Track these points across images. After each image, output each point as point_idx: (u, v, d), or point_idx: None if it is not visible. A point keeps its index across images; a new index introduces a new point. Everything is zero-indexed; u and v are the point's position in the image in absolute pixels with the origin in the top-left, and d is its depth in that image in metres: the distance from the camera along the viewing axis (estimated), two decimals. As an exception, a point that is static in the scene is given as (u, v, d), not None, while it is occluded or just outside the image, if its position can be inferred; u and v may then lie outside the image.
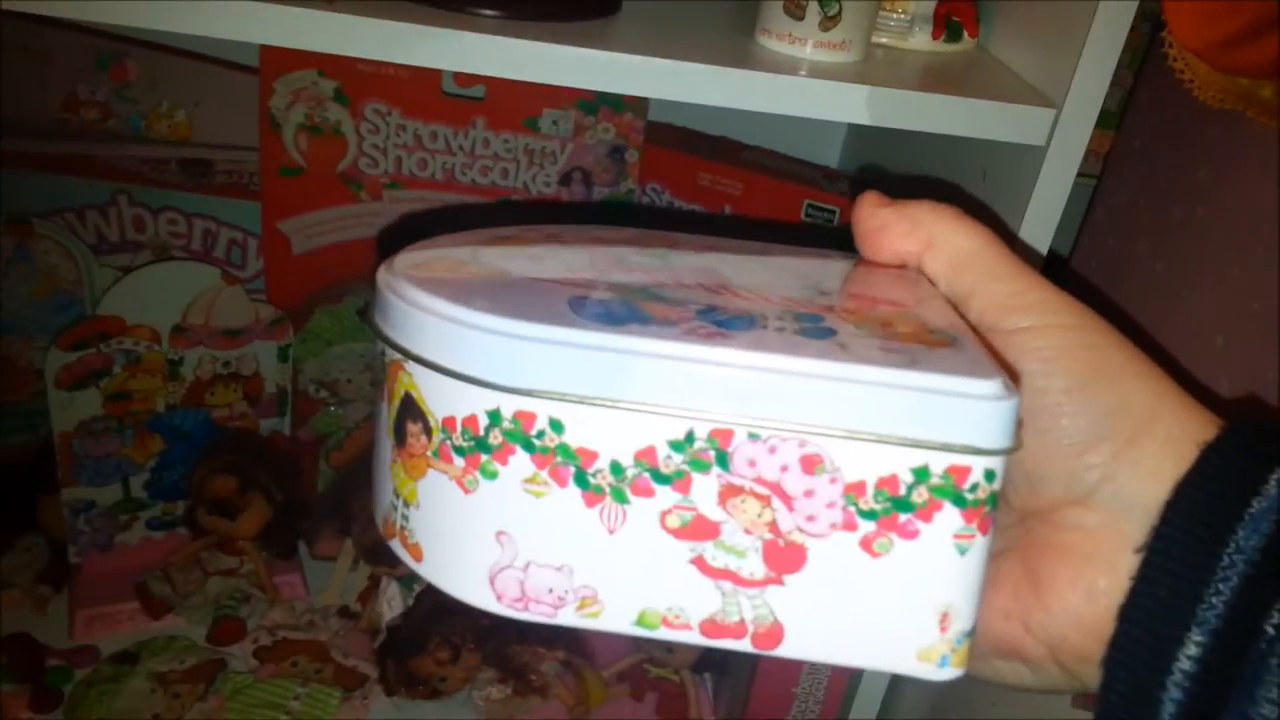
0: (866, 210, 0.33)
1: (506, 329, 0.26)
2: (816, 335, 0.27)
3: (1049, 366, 0.28)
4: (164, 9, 0.49)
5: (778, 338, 0.26)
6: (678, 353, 0.25)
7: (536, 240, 0.33)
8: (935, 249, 0.31)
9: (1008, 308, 0.29)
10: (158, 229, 0.82)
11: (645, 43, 0.55)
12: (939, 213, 0.32)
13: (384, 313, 0.29)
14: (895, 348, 0.27)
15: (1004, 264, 0.30)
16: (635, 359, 0.25)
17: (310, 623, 0.81)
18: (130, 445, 0.80)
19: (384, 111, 0.77)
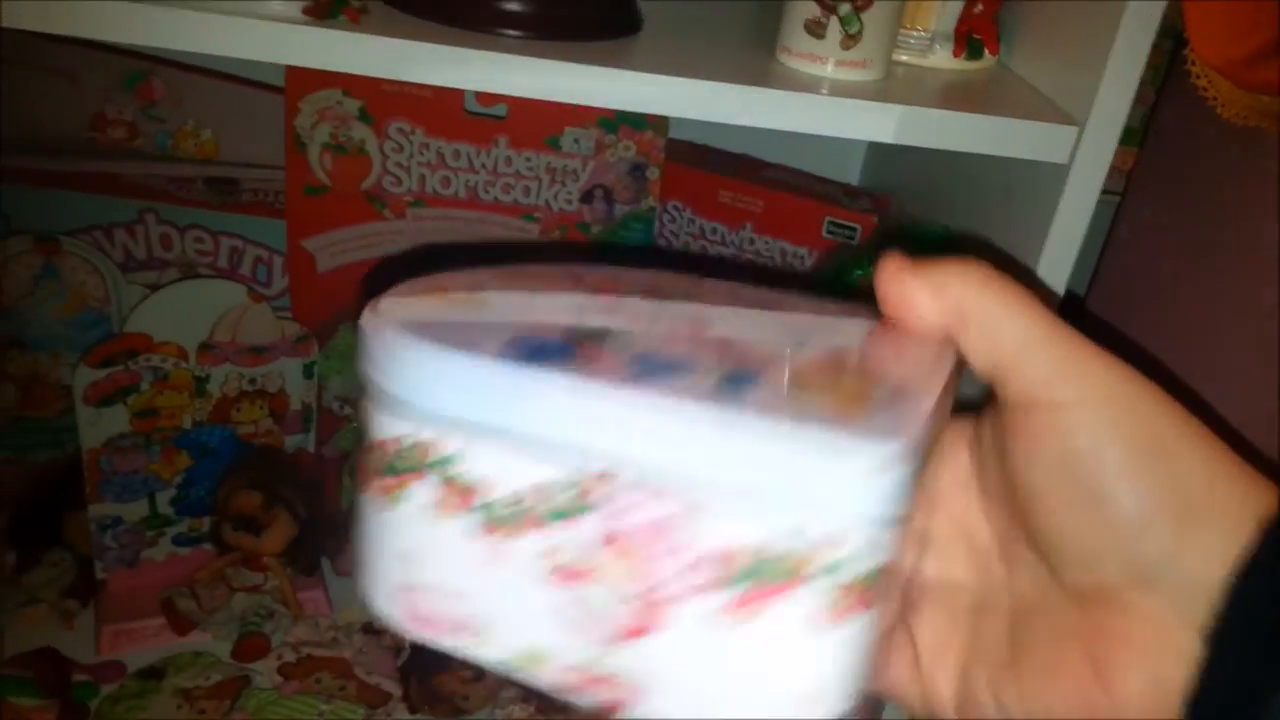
0: (888, 277, 0.30)
1: (421, 356, 0.26)
2: (732, 387, 0.25)
3: (1099, 443, 0.27)
4: (190, 30, 0.50)
5: (685, 385, 0.25)
6: (566, 388, 0.25)
7: (547, 281, 0.33)
8: (965, 321, 0.29)
9: (1049, 381, 0.27)
10: (184, 247, 0.83)
11: (667, 62, 0.55)
12: (967, 279, 0.29)
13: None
14: (804, 404, 0.25)
15: (1042, 331, 0.28)
16: (529, 390, 0.25)
17: (334, 639, 0.82)
18: (157, 461, 0.80)
19: (408, 130, 0.78)
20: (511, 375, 0.25)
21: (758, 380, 0.26)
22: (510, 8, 0.55)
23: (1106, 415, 0.27)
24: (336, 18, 0.51)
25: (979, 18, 0.62)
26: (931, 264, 0.30)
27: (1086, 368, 0.27)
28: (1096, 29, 0.54)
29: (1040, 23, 0.62)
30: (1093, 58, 0.54)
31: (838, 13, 0.55)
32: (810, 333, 0.30)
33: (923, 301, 0.30)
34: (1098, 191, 0.56)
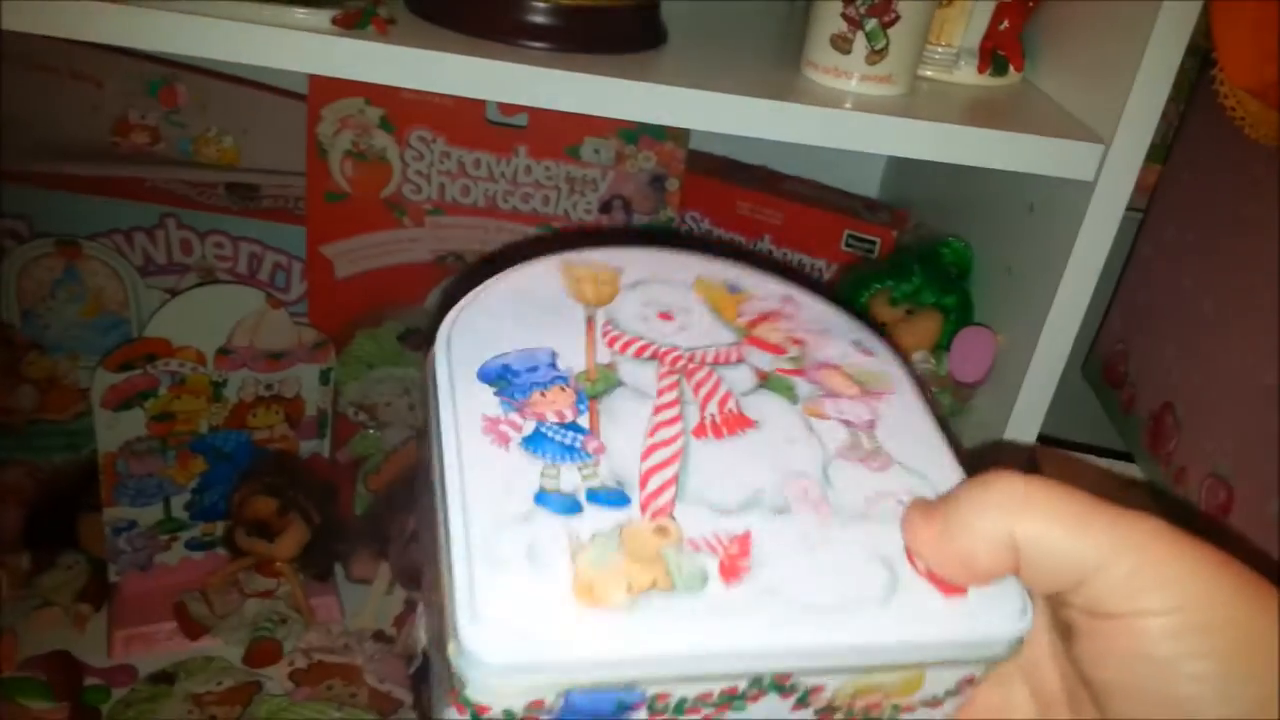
0: (925, 551, 0.28)
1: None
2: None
3: (1183, 655, 0.25)
4: (221, 39, 0.50)
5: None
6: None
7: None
8: (1016, 562, 0.27)
9: (1125, 594, 0.25)
10: (204, 252, 0.83)
11: (692, 75, 0.55)
12: (1004, 516, 0.27)
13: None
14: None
15: (1107, 545, 0.26)
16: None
17: (345, 646, 0.81)
18: (173, 466, 0.80)
19: (428, 139, 0.78)
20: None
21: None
22: (536, 20, 0.55)
23: (1191, 624, 0.25)
24: (365, 28, 0.51)
25: (1004, 34, 0.62)
26: (958, 508, 0.28)
27: (1163, 574, 0.25)
28: (1124, 47, 0.54)
29: (1066, 40, 0.62)
30: (1120, 76, 0.54)
31: (864, 27, 0.55)
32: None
33: (966, 567, 0.27)
34: (1122, 210, 0.56)
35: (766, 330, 0.34)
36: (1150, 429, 0.70)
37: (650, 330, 0.33)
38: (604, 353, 0.32)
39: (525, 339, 0.31)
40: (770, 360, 0.33)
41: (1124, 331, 0.77)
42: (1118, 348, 0.77)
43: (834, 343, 0.34)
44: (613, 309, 0.33)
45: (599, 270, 0.34)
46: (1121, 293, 0.79)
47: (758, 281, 0.36)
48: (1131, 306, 0.77)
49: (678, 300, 0.34)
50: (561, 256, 0.34)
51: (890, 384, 0.33)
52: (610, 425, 0.29)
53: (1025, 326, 0.61)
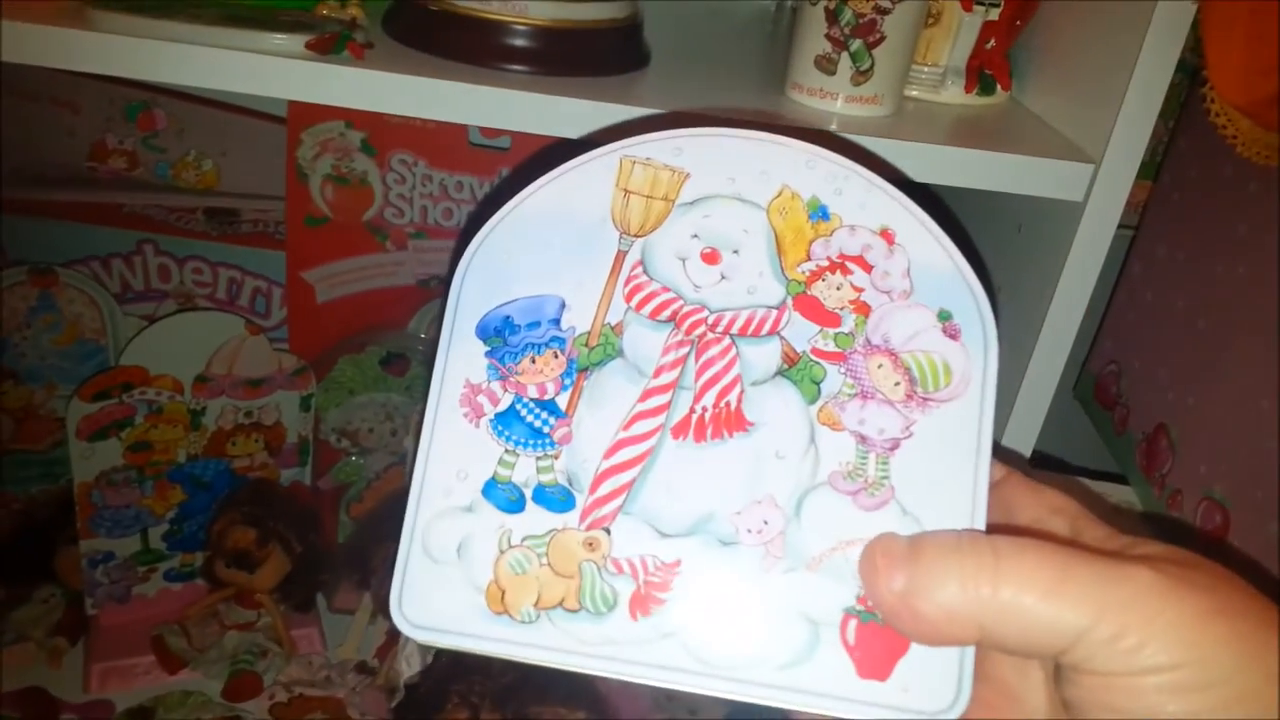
0: (891, 611, 0.26)
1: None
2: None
3: (1186, 716, 0.24)
4: (196, 65, 0.49)
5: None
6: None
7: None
8: (992, 639, 0.25)
9: (1111, 653, 0.24)
10: (183, 278, 0.82)
11: (675, 98, 0.54)
12: (975, 596, 0.25)
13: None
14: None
15: (1090, 610, 0.24)
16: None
17: (327, 678, 0.80)
18: (150, 496, 0.79)
19: (410, 162, 0.77)
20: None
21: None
22: (516, 43, 0.54)
23: (1189, 682, 0.24)
24: (340, 53, 0.50)
25: (991, 53, 0.61)
26: (922, 568, 0.26)
27: (1155, 632, 0.24)
28: (1112, 65, 0.53)
29: (1054, 59, 0.61)
30: (1109, 95, 0.53)
31: (848, 48, 0.54)
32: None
33: (921, 631, 0.26)
34: (1113, 230, 0.55)
35: (827, 288, 0.29)
36: (1144, 451, 0.69)
37: (683, 277, 0.29)
38: (619, 306, 0.29)
39: (542, 278, 0.29)
40: (810, 336, 0.29)
41: (1116, 352, 0.76)
42: (1110, 368, 0.76)
43: (912, 314, 0.29)
44: (653, 242, 0.29)
45: (661, 174, 0.30)
46: (1113, 312, 0.78)
47: (858, 202, 0.30)
48: (1123, 326, 0.76)
49: (736, 230, 0.29)
50: (624, 150, 0.30)
51: (958, 385, 0.29)
52: (588, 408, 0.29)
53: (1016, 347, 0.60)
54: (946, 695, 0.26)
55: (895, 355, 0.29)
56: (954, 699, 0.26)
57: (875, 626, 0.27)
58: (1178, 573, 0.25)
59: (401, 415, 0.83)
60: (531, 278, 0.29)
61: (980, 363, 0.29)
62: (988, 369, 0.29)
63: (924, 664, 0.26)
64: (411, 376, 0.83)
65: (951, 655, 0.26)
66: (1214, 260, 0.65)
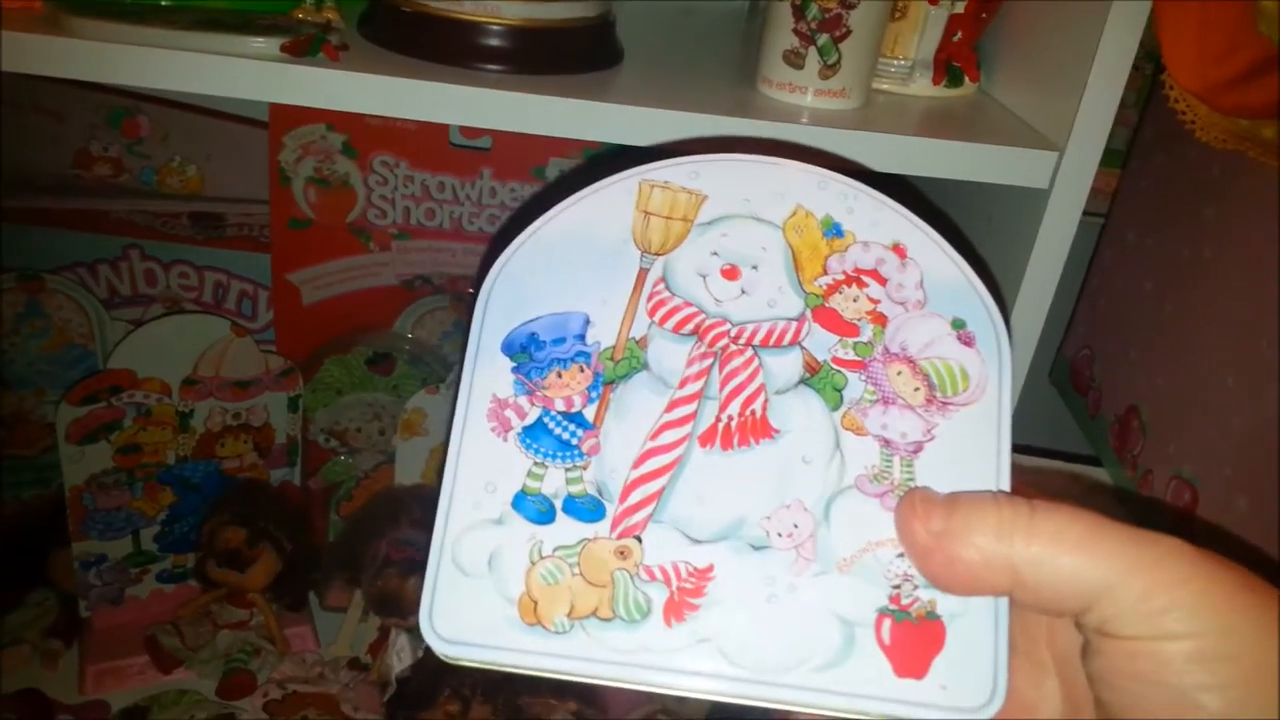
0: (904, 536, 0.27)
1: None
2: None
3: (1205, 688, 0.24)
4: (171, 69, 0.50)
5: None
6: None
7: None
8: (1023, 582, 0.26)
9: (1136, 614, 0.24)
10: (169, 282, 0.83)
11: (648, 94, 0.55)
12: (1007, 534, 0.25)
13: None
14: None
15: (1120, 566, 0.25)
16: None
17: (320, 675, 0.81)
18: (141, 498, 0.80)
19: (392, 163, 0.78)
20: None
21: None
22: (490, 43, 0.55)
23: (1210, 651, 0.24)
24: (315, 55, 0.51)
25: (958, 45, 0.62)
26: (959, 515, 0.26)
27: (1181, 596, 0.24)
28: (1075, 55, 0.54)
29: (1020, 50, 0.62)
30: (1071, 84, 0.54)
31: (816, 43, 0.55)
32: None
33: (954, 575, 0.26)
34: (1078, 216, 0.56)
35: (845, 300, 0.30)
36: (1116, 433, 0.70)
37: (705, 292, 0.30)
38: (642, 321, 0.30)
39: (566, 296, 0.30)
40: (830, 346, 0.29)
41: (1088, 336, 0.77)
42: (1083, 352, 0.77)
43: (927, 323, 0.30)
44: (674, 259, 0.30)
45: (679, 196, 0.30)
46: (1085, 297, 0.79)
47: (870, 219, 0.31)
48: (1095, 311, 0.77)
49: (755, 246, 0.30)
50: (643, 175, 0.31)
51: (975, 389, 0.29)
52: (615, 420, 0.29)
53: (988, 335, 0.61)
54: (983, 692, 0.26)
55: (913, 362, 0.29)
56: (990, 696, 0.26)
57: (910, 625, 0.27)
58: (1199, 548, 0.25)
59: (389, 414, 0.84)
60: (555, 295, 0.30)
61: (995, 367, 0.29)
62: (1003, 373, 0.29)
63: (960, 661, 0.27)
64: (398, 376, 0.84)
65: (986, 651, 0.27)
66: (1180, 244, 0.66)
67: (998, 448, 0.28)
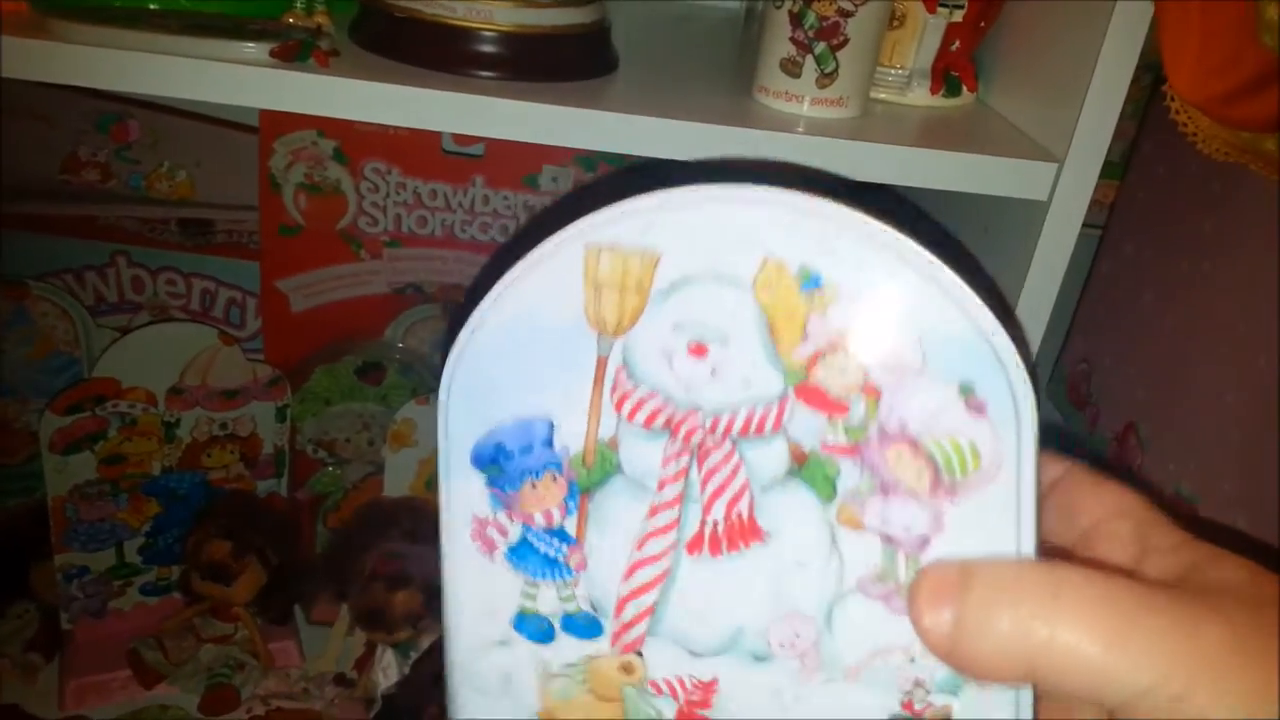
0: (917, 624, 0.24)
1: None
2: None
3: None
4: (160, 74, 0.49)
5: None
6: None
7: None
8: (1039, 674, 0.23)
9: (1170, 713, 0.22)
10: (156, 289, 0.81)
11: (643, 102, 0.54)
12: (1023, 626, 0.23)
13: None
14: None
15: (1149, 663, 0.22)
16: None
17: (305, 691, 0.79)
18: (125, 509, 0.79)
19: (383, 170, 0.77)
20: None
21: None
22: (484, 49, 0.54)
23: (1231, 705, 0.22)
24: (306, 61, 0.50)
25: (956, 55, 0.62)
26: (976, 597, 0.24)
27: (1222, 698, 0.22)
28: (1075, 66, 0.54)
29: (1018, 59, 0.62)
30: (1071, 95, 0.54)
31: (813, 51, 0.54)
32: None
33: (973, 668, 0.24)
34: (1077, 229, 0.56)
35: (830, 372, 0.25)
36: (1114, 448, 0.69)
37: (672, 377, 0.26)
38: (609, 418, 0.26)
39: (526, 394, 0.27)
40: (819, 428, 0.25)
41: (1086, 351, 0.77)
42: (1080, 367, 0.77)
43: (929, 393, 0.24)
44: (633, 340, 0.26)
45: (630, 260, 0.26)
46: (1082, 311, 0.78)
47: (854, 260, 0.25)
48: (1093, 325, 0.77)
49: (723, 314, 0.25)
50: (587, 237, 0.26)
51: (989, 468, 0.25)
52: (598, 530, 0.27)
53: (986, 348, 0.60)
54: None
55: (914, 442, 0.25)
56: None
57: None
58: (1251, 621, 0.23)
59: (378, 425, 0.83)
60: (515, 396, 0.27)
61: (1013, 437, 0.24)
62: (1023, 443, 0.24)
63: None
64: (388, 386, 0.82)
65: None
66: (1180, 258, 0.65)
67: (1018, 533, 0.25)
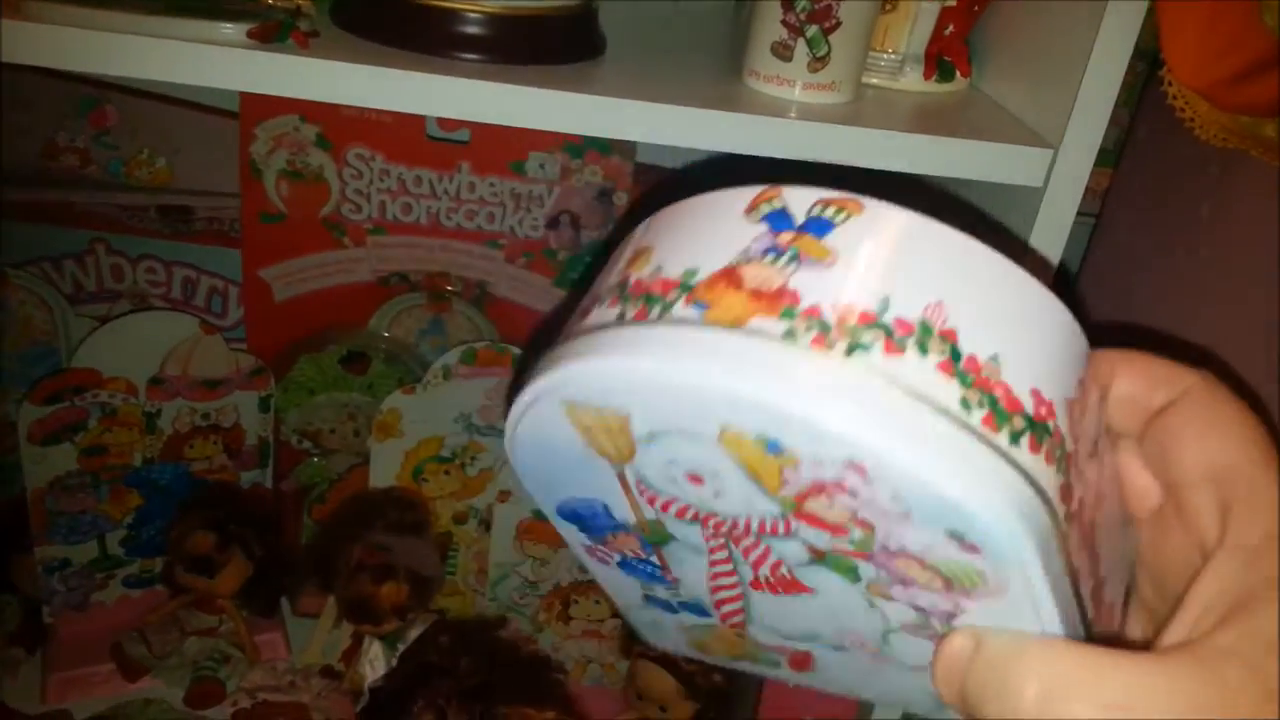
0: (943, 693, 0.25)
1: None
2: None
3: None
4: (135, 55, 0.48)
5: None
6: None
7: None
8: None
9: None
10: (136, 278, 0.80)
11: (632, 86, 0.53)
12: (1035, 697, 0.22)
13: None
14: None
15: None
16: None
17: (291, 684, 0.79)
18: (106, 501, 0.77)
19: (367, 156, 0.76)
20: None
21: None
22: (469, 31, 0.53)
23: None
24: (284, 41, 0.48)
25: (950, 40, 0.61)
26: (984, 675, 0.23)
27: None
28: (1070, 51, 0.53)
29: (1012, 45, 0.61)
30: (1066, 80, 0.53)
31: (805, 35, 0.53)
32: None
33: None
34: (1073, 215, 0.55)
35: (820, 505, 0.25)
36: (1109, 437, 0.69)
37: (684, 492, 0.26)
38: (647, 509, 0.27)
39: (577, 484, 0.28)
40: (828, 539, 0.25)
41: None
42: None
43: (919, 532, 0.24)
44: (638, 467, 0.26)
45: (606, 417, 0.25)
46: (1077, 299, 0.78)
47: (810, 439, 0.23)
48: (1087, 313, 0.76)
49: (705, 459, 0.25)
50: (562, 394, 0.25)
51: (996, 589, 0.24)
52: (677, 567, 0.30)
53: (979, 337, 0.60)
54: None
55: (919, 560, 0.24)
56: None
57: None
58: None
59: (364, 415, 0.82)
60: (568, 484, 0.29)
61: (1016, 563, 0.23)
62: (1029, 563, 0.23)
63: None
64: (373, 375, 0.81)
65: None
66: (1175, 244, 0.65)
67: (1039, 619, 0.24)
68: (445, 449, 0.79)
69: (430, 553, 0.78)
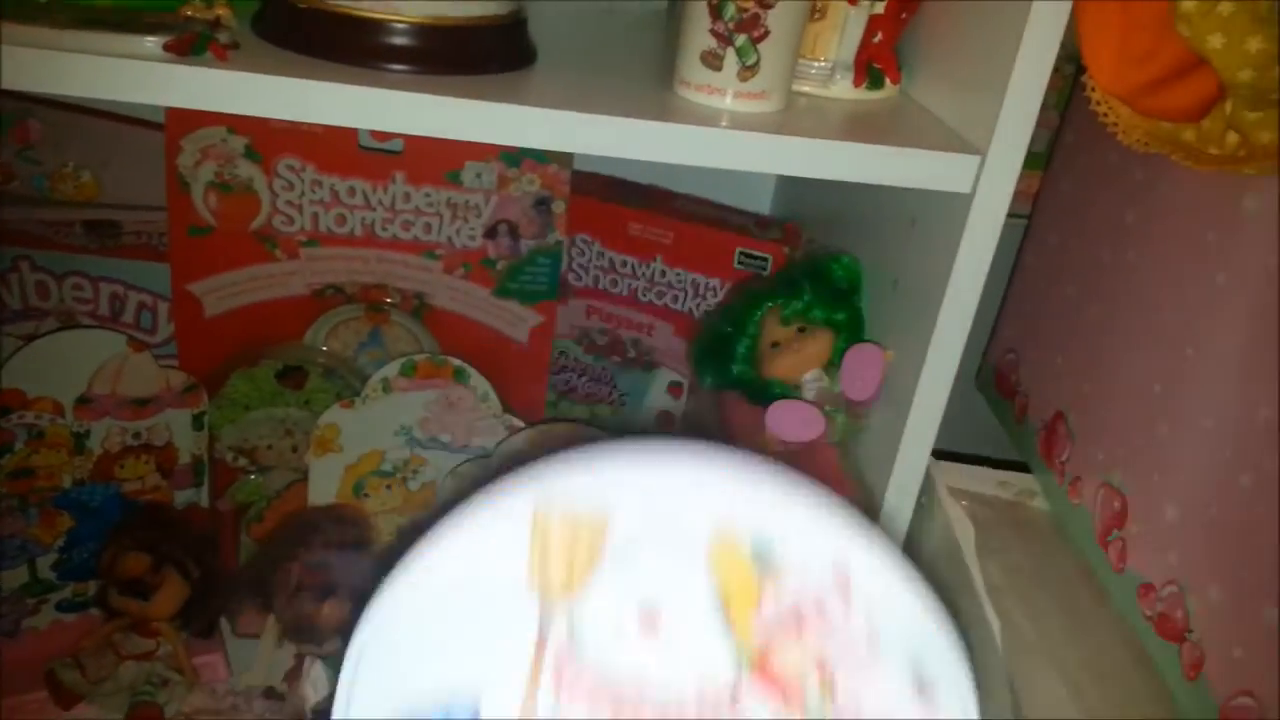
0: None
1: None
2: None
3: None
4: (51, 71, 0.47)
5: None
6: None
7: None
8: None
9: None
10: (62, 295, 0.78)
11: (563, 96, 0.53)
12: None
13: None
14: None
15: None
16: None
17: (233, 706, 0.77)
18: (36, 525, 0.75)
19: (298, 167, 0.75)
20: None
21: None
22: (395, 41, 0.52)
23: None
24: (202, 54, 0.47)
25: (879, 47, 0.61)
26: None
27: None
28: (996, 57, 0.53)
29: (941, 52, 0.62)
30: (993, 86, 0.53)
31: (734, 44, 0.53)
32: None
33: None
34: (1001, 220, 0.56)
35: (785, 655, 0.24)
36: (1043, 438, 0.70)
37: (618, 654, 0.24)
38: (546, 702, 0.24)
39: (448, 669, 0.24)
40: (774, 710, 0.24)
41: (1013, 341, 0.77)
42: (1008, 357, 0.77)
43: (880, 677, 0.24)
44: (579, 609, 0.24)
45: (582, 523, 0.24)
46: (1009, 302, 0.79)
47: (803, 544, 0.23)
48: (1019, 315, 0.77)
49: (674, 586, 0.23)
50: (541, 495, 0.24)
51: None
52: None
53: (913, 340, 0.60)
54: None
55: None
56: None
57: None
58: None
59: (301, 430, 0.80)
60: (436, 669, 0.24)
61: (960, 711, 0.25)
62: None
63: None
64: (310, 390, 0.80)
65: None
66: (1102, 248, 0.66)
67: None
68: (386, 463, 0.78)
69: (373, 570, 0.77)
